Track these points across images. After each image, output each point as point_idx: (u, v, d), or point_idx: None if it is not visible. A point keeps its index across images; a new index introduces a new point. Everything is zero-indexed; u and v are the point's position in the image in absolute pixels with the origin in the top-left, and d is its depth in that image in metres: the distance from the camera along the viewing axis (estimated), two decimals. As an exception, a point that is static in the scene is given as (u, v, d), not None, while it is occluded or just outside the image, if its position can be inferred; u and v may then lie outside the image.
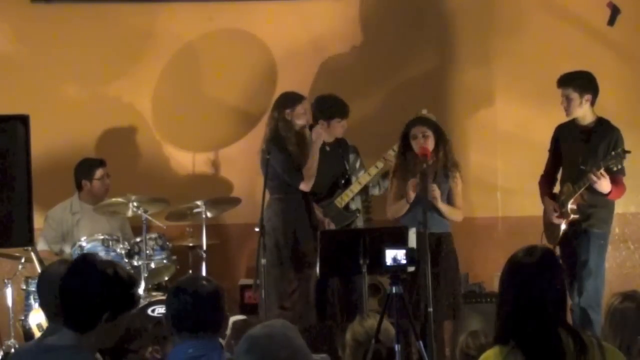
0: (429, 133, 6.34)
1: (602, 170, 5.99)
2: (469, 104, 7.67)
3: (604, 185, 6.06)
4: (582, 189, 6.15)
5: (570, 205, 6.23)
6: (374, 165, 6.80)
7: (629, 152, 5.99)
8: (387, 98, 7.66)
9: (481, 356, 3.10)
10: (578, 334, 3.01)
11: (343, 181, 6.87)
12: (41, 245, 6.70)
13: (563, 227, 6.29)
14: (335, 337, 5.43)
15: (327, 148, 6.69)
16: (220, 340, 3.76)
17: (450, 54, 7.71)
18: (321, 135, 6.54)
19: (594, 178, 6.01)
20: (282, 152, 6.47)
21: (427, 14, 7.69)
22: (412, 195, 6.24)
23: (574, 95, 6.25)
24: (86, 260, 3.31)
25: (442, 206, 6.32)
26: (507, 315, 3.04)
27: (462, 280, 6.84)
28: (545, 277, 3.04)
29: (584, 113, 6.30)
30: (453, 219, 6.43)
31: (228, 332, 4.66)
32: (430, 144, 6.33)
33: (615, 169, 5.99)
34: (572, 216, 6.24)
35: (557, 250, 6.21)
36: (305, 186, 6.49)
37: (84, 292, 3.17)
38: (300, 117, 6.55)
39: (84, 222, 6.95)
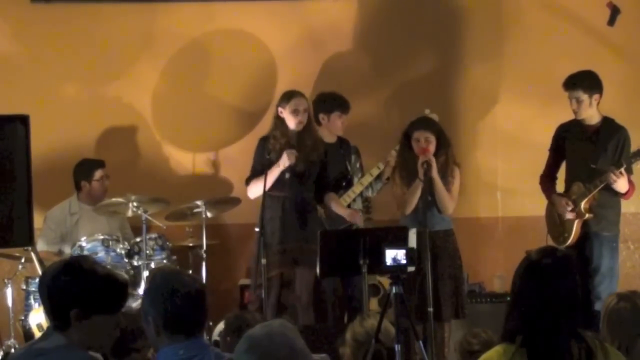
0: (432, 139, 6.31)
1: (622, 169, 5.99)
2: (469, 104, 7.67)
3: (622, 184, 6.06)
4: (598, 189, 6.15)
5: (584, 205, 6.22)
6: (376, 165, 6.80)
7: None
8: (388, 98, 7.66)
9: (485, 354, 3.09)
10: (583, 338, 3.01)
11: (345, 182, 6.87)
12: (40, 246, 6.69)
13: (574, 228, 6.27)
14: (335, 337, 5.42)
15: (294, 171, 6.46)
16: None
17: (451, 54, 7.71)
18: (286, 160, 6.32)
19: (614, 177, 6.00)
20: (258, 151, 6.45)
21: (427, 14, 7.69)
22: (420, 172, 6.20)
23: (584, 97, 6.24)
24: (75, 260, 3.27)
25: (437, 177, 6.24)
26: (519, 314, 3.03)
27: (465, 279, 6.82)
28: (562, 279, 3.03)
29: (592, 113, 6.30)
30: (443, 202, 6.30)
31: (222, 327, 4.64)
32: (431, 150, 6.30)
33: (636, 166, 6.01)
34: (587, 215, 6.23)
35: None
36: (248, 192, 6.47)
37: (52, 286, 3.14)
38: (292, 113, 6.37)
39: (83, 223, 6.95)
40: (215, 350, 3.20)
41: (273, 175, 6.34)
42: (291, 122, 6.39)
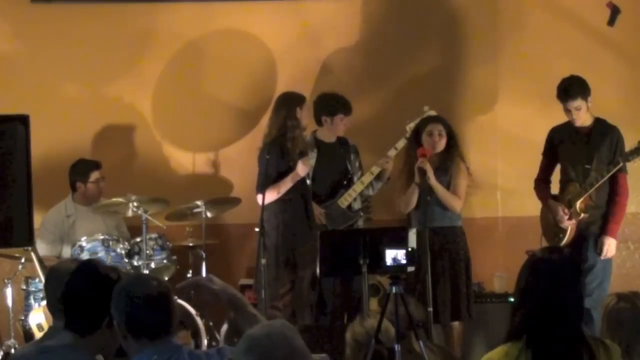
0: (444, 133, 6.40)
1: (607, 241, 6.20)
2: (469, 103, 7.67)
3: (612, 248, 6.25)
4: (594, 188, 6.19)
5: (579, 205, 6.25)
6: (376, 164, 6.80)
7: None
8: (388, 97, 7.65)
9: (487, 354, 3.09)
10: (585, 339, 3.01)
11: (345, 181, 6.87)
12: (40, 250, 6.66)
13: (569, 229, 6.28)
14: (335, 337, 5.42)
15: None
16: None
17: (451, 53, 7.71)
18: (304, 170, 6.48)
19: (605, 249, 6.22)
20: (272, 155, 6.45)
21: (427, 14, 7.69)
22: (417, 175, 6.26)
23: (583, 105, 6.30)
24: (91, 264, 3.33)
25: (436, 184, 6.30)
26: (525, 313, 3.03)
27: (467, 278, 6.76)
28: (570, 276, 3.04)
29: (587, 116, 6.35)
30: (449, 204, 6.40)
31: (225, 328, 4.64)
32: (443, 143, 6.38)
33: (635, 163, 6.07)
34: (582, 215, 6.25)
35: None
36: (258, 199, 6.43)
37: (86, 295, 3.20)
38: (307, 116, 6.59)
39: (79, 224, 6.93)
40: (189, 349, 3.23)
41: (291, 184, 6.47)
42: (305, 121, 6.58)
